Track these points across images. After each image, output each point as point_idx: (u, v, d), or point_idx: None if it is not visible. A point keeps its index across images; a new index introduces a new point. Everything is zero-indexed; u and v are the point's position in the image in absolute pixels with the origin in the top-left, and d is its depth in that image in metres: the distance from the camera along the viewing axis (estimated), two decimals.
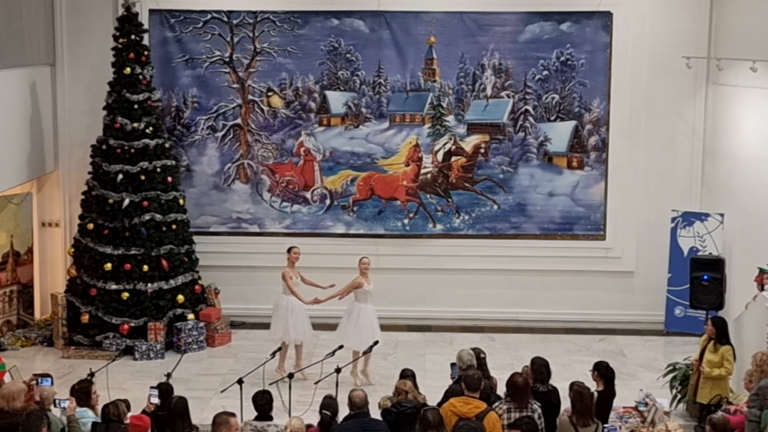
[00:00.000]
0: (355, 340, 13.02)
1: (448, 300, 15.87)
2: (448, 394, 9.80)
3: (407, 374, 10.31)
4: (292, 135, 16.20)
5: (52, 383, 9.95)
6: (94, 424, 9.44)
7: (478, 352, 10.67)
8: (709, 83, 15.71)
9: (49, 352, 14.78)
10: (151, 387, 10.03)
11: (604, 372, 10.34)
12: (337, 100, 16.14)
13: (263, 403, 9.69)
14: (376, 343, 12.43)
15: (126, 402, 9.80)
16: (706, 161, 15.91)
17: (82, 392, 9.83)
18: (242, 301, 16.02)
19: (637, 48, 15.72)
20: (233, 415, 8.74)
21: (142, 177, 14.72)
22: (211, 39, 15.99)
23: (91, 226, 14.80)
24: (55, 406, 9.52)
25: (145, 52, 15.02)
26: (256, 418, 9.66)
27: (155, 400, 9.85)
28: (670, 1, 15.73)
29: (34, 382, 9.87)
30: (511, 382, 9.53)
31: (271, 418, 9.56)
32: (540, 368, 10.10)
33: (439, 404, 9.38)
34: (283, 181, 16.29)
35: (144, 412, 9.68)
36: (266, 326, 15.75)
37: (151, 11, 15.77)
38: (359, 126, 16.17)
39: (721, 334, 11.35)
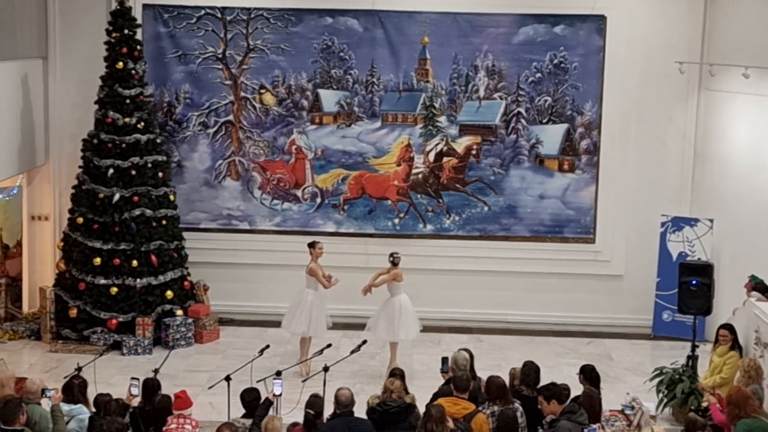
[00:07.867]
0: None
1: (437, 300, 15.85)
2: (437, 395, 9.80)
3: (396, 373, 10.31)
4: (284, 133, 16.19)
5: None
6: (91, 418, 9.49)
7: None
8: (702, 89, 15.73)
9: (36, 345, 14.72)
10: (132, 378, 10.01)
11: (589, 375, 10.38)
12: (329, 99, 16.12)
13: (250, 400, 9.71)
14: (365, 342, 12.40)
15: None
16: (697, 166, 15.94)
17: (83, 386, 9.86)
18: (231, 298, 15.99)
19: (631, 52, 15.74)
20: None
21: (133, 172, 14.68)
22: (204, 35, 15.96)
23: (80, 220, 14.76)
24: (44, 395, 9.53)
25: (138, 47, 14.98)
26: (244, 416, 9.67)
27: (135, 392, 9.84)
28: (665, 7, 15.75)
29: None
30: (491, 383, 9.56)
31: None
32: (529, 371, 10.13)
33: (427, 405, 9.38)
34: (274, 179, 16.27)
35: (124, 404, 9.69)
36: (254, 324, 15.83)
37: (145, 6, 15.74)
38: (351, 125, 16.15)
39: (735, 341, 11.45)
